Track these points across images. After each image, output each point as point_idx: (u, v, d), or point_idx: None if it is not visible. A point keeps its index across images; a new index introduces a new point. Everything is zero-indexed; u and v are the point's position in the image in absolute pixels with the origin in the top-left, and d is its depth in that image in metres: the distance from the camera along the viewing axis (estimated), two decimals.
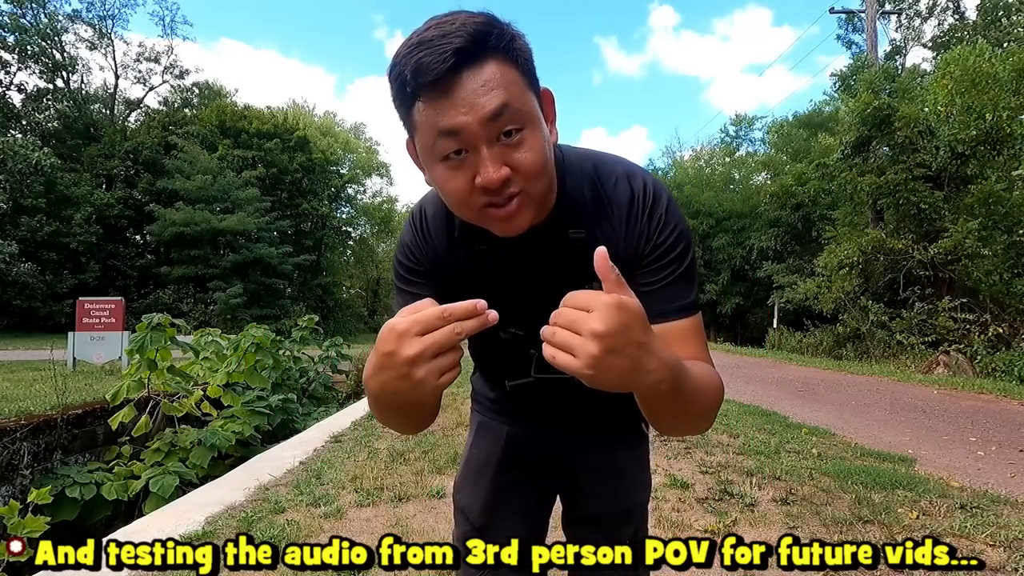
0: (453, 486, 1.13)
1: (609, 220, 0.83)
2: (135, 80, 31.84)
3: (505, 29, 0.69)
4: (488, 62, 0.67)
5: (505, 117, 0.67)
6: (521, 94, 0.69)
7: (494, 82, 0.67)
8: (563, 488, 1.10)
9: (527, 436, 1.07)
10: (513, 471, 1.06)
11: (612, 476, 1.05)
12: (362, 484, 3.26)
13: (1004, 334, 10.03)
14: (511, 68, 0.69)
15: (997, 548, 2.46)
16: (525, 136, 0.69)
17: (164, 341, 4.94)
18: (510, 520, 1.04)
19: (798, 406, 6.18)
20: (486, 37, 0.67)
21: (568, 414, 1.05)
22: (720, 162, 29.25)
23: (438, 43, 0.65)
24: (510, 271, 0.86)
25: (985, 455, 4.21)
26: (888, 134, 12.12)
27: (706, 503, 3.02)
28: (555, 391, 0.96)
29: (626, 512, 1.05)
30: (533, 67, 0.73)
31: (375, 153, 40.60)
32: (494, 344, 0.94)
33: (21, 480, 4.15)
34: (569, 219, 0.82)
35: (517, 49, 0.70)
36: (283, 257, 23.96)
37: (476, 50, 0.66)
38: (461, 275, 0.88)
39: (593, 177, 0.84)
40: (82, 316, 7.79)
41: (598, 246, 0.77)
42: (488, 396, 1.13)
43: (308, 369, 8.79)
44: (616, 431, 1.07)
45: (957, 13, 21.21)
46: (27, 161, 18.34)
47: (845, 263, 12.68)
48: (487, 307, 0.61)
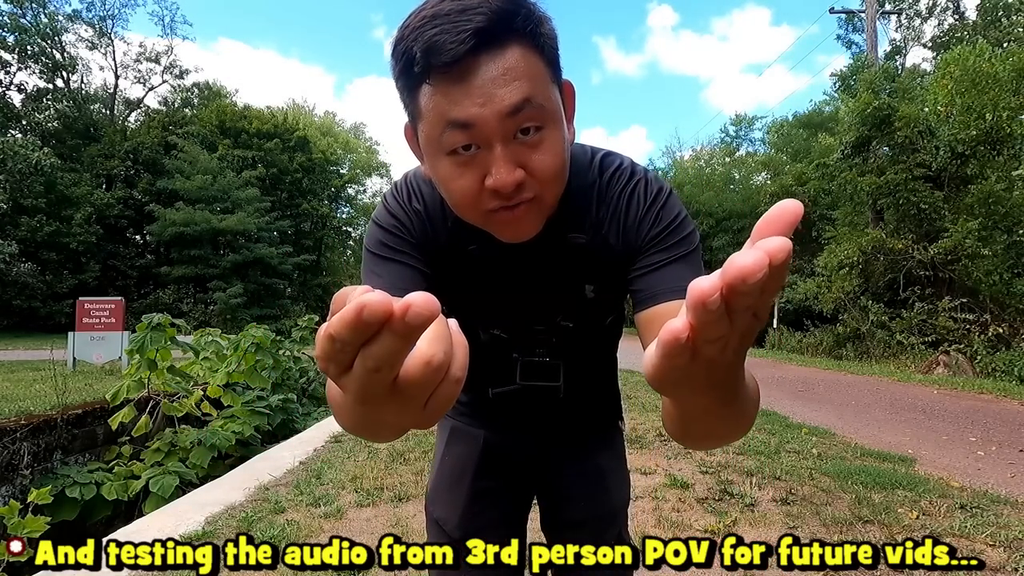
0: (426, 497, 1.06)
1: (610, 222, 0.77)
2: (135, 80, 31.86)
3: (533, 10, 0.61)
4: (512, 46, 0.58)
5: (525, 113, 0.59)
6: (545, 88, 0.62)
7: (517, 71, 0.58)
8: (543, 494, 1.05)
9: (505, 441, 1.01)
10: (491, 478, 1.00)
11: (595, 479, 1.02)
12: (362, 484, 3.26)
13: (1004, 334, 10.03)
14: (536, 56, 0.61)
15: (997, 548, 2.46)
16: (545, 136, 0.62)
17: (164, 341, 4.94)
18: (488, 530, 0.97)
19: (798, 406, 6.18)
20: (512, 17, 0.58)
21: (549, 419, 1.01)
22: (720, 162, 29.25)
23: (456, 19, 0.56)
24: (500, 272, 0.80)
25: (985, 455, 4.21)
26: (888, 134, 12.12)
27: (706, 503, 3.02)
28: (540, 398, 0.93)
29: (612, 514, 1.02)
30: (559, 57, 0.65)
31: (375, 153, 40.63)
32: (474, 347, 0.90)
33: (21, 480, 4.15)
34: (570, 222, 0.76)
35: (544, 34, 0.62)
36: (283, 257, 23.96)
37: (499, 31, 0.57)
38: (450, 263, 0.79)
39: (597, 177, 0.78)
40: (82, 316, 7.78)
41: (597, 249, 0.77)
42: (462, 400, 1.04)
43: (308, 369, 8.78)
44: (595, 433, 1.05)
45: (957, 13, 21.22)
46: (27, 161, 18.35)
47: (845, 263, 12.68)
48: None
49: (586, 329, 0.88)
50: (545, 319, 0.86)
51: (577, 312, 0.85)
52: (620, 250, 0.77)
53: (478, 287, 0.81)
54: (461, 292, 0.82)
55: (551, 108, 0.62)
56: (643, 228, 0.75)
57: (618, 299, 0.86)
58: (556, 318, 0.85)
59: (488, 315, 0.85)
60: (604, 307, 0.86)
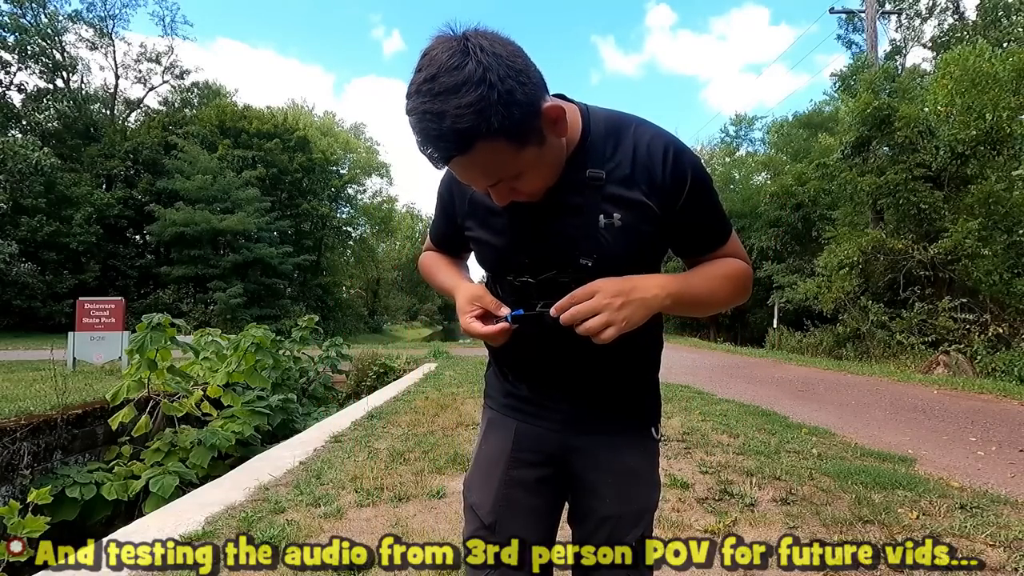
0: (463, 484, 1.14)
1: (628, 163, 0.90)
2: (135, 80, 31.86)
3: (493, 110, 0.73)
4: (478, 149, 0.76)
5: (499, 185, 0.84)
6: (513, 160, 0.80)
7: (486, 166, 0.80)
8: (573, 487, 1.09)
9: (537, 433, 1.06)
10: (523, 468, 1.06)
11: (624, 478, 1.04)
12: (362, 484, 3.26)
13: (1004, 334, 10.03)
14: (500, 143, 0.77)
15: (997, 548, 2.46)
16: (523, 177, 0.83)
17: (164, 341, 4.93)
18: (520, 518, 1.04)
19: (798, 406, 6.18)
20: (474, 134, 0.74)
21: (578, 389, 1.03)
22: (720, 162, 29.27)
23: (434, 144, 0.76)
24: (527, 209, 0.92)
25: (985, 455, 4.21)
26: (888, 134, 12.11)
27: (706, 503, 3.02)
28: (561, 349, 0.97)
29: (638, 515, 1.05)
30: (524, 121, 0.77)
31: (375, 153, 40.65)
32: (507, 297, 0.98)
33: (21, 480, 4.15)
34: (589, 159, 0.90)
35: (503, 127, 0.75)
36: (283, 257, 23.95)
37: (465, 146, 0.75)
38: (489, 212, 0.98)
39: (612, 128, 0.92)
40: (82, 316, 7.78)
41: (616, 182, 0.91)
42: (499, 389, 1.13)
43: (308, 369, 8.78)
44: (626, 433, 1.07)
45: (957, 13, 21.22)
46: (27, 161, 18.35)
47: (845, 263, 12.67)
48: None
49: (607, 271, 0.91)
50: (566, 256, 0.92)
51: (598, 246, 0.91)
52: (639, 188, 0.90)
53: (509, 226, 0.96)
54: (495, 235, 0.99)
55: (523, 165, 0.82)
56: (665, 184, 0.90)
57: (647, 236, 0.92)
58: (575, 254, 0.92)
59: (516, 255, 0.97)
60: (630, 240, 0.91)
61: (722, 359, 12.16)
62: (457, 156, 0.77)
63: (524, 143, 0.79)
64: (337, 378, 9.81)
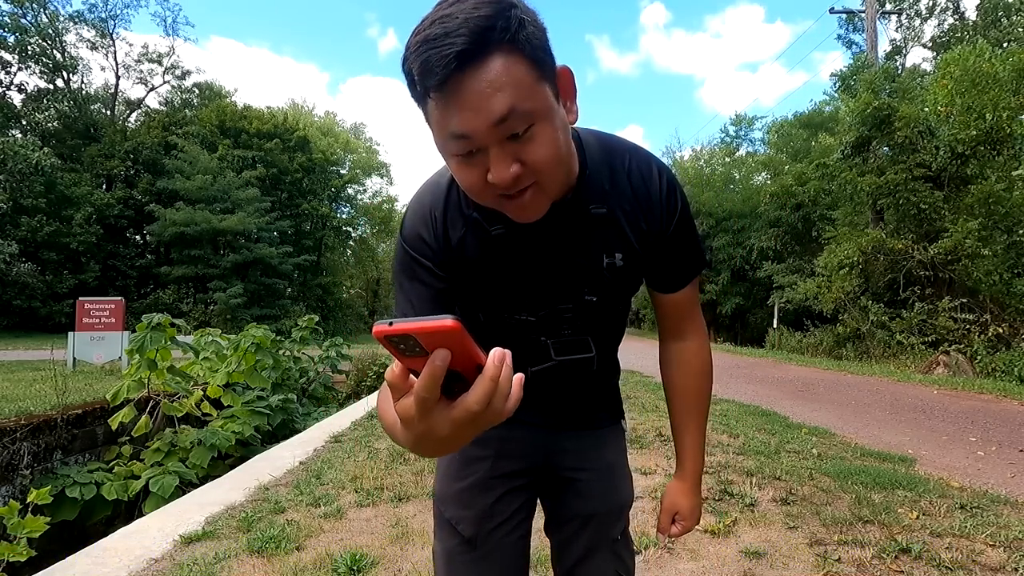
0: (435, 497, 1.05)
1: (627, 197, 0.86)
2: (136, 80, 31.87)
3: (512, 15, 0.65)
4: (493, 59, 0.64)
5: (512, 120, 0.66)
6: (529, 90, 0.67)
7: (499, 82, 0.64)
8: (553, 489, 1.06)
9: (517, 437, 1.01)
10: (504, 476, 1.01)
11: (606, 474, 1.04)
12: (362, 484, 3.26)
13: (1004, 334, 10.03)
14: (518, 61, 0.66)
15: (997, 548, 2.46)
16: (536, 132, 0.68)
17: (164, 341, 4.94)
18: (502, 528, 0.99)
19: (798, 406, 6.18)
20: (489, 33, 0.63)
21: (567, 403, 1.03)
22: (720, 162, 29.22)
23: (441, 43, 0.62)
24: (527, 250, 0.86)
25: (985, 455, 4.21)
26: (888, 134, 12.11)
27: (706, 503, 3.02)
28: (574, 372, 0.97)
29: (620, 508, 1.05)
30: (545, 51, 0.69)
31: (375, 153, 40.59)
32: (501, 333, 0.93)
33: (21, 480, 4.15)
34: (591, 195, 0.85)
35: (524, 39, 0.66)
36: (283, 257, 23.94)
37: (479, 49, 0.63)
38: (475, 263, 0.87)
39: (606, 157, 0.87)
40: (82, 316, 7.78)
41: (618, 220, 0.87)
42: None
43: (308, 369, 8.79)
44: (603, 427, 1.07)
45: (957, 13, 21.23)
46: (27, 161, 18.35)
47: (845, 263, 12.67)
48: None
49: (608, 304, 0.92)
50: (571, 294, 0.90)
51: (601, 284, 0.89)
52: (642, 224, 0.87)
53: (507, 269, 0.87)
54: (490, 279, 0.89)
55: (539, 106, 0.68)
56: (663, 214, 0.88)
57: (640, 271, 0.92)
58: (582, 292, 0.89)
59: (516, 298, 0.90)
60: (628, 277, 0.91)
61: (722, 359, 12.16)
62: (467, 64, 0.63)
63: (542, 74, 0.69)
64: (337, 378, 9.81)
